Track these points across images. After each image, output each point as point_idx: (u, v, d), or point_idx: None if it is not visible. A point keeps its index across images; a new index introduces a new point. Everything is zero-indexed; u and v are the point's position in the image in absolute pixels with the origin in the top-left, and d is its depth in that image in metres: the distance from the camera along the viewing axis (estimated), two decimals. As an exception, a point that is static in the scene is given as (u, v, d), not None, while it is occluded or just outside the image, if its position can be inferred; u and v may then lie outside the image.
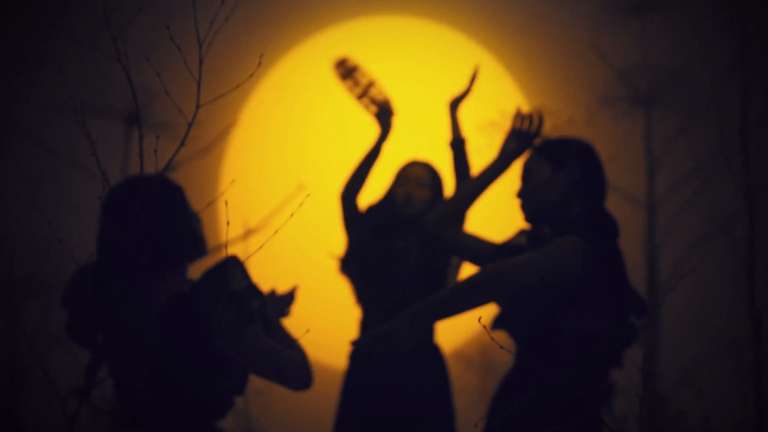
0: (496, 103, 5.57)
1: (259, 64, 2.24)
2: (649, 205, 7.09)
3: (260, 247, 2.43)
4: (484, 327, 3.34)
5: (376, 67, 5.90)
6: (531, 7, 8.17)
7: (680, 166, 7.38)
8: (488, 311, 3.92)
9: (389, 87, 5.74)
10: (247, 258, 2.65)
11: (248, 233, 5.72)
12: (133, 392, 3.06)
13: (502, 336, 3.74)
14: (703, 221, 7.26)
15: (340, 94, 7.63)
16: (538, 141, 4.00)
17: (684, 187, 7.29)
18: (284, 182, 5.53)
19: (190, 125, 2.27)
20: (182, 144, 2.30)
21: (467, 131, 5.57)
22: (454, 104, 5.23)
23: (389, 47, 7.94)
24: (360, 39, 8.00)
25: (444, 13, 8.10)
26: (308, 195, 2.45)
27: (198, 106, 2.29)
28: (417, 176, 5.55)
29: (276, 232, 2.42)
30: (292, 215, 2.33)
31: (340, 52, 6.03)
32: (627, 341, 3.66)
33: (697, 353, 7.13)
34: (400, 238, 5.52)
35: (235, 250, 5.63)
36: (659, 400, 6.42)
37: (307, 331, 3.16)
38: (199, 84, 2.23)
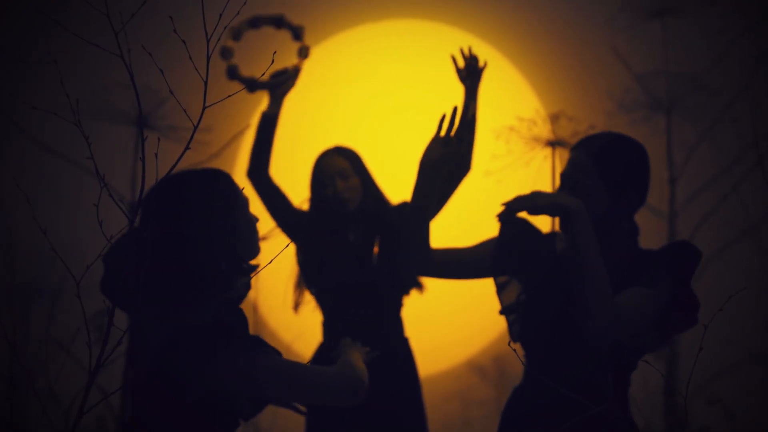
0: (512, 109, 5.46)
1: (272, 62, 2.09)
2: (671, 214, 6.94)
3: (271, 261, 2.30)
4: (515, 351, 3.20)
5: (392, 71, 5.78)
6: (548, 12, 8.05)
7: (702, 174, 7.24)
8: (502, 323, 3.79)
9: (404, 91, 5.59)
10: (259, 270, 2.53)
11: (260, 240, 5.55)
12: (135, 389, 2.95)
13: (516, 348, 3.63)
14: (727, 229, 7.13)
15: (354, 100, 7.48)
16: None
17: (707, 195, 7.15)
18: (295, 188, 5.38)
19: (195, 127, 2.12)
20: (188, 147, 2.16)
21: (484, 137, 5.43)
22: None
23: (405, 51, 7.84)
24: (376, 42, 7.89)
25: (460, 17, 8.00)
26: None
27: (204, 107, 2.14)
28: (337, 169, 5.34)
29: (287, 245, 2.29)
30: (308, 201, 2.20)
31: (353, 55, 5.89)
32: (655, 350, 3.57)
33: (721, 365, 6.99)
34: (350, 232, 5.32)
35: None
36: (681, 413, 6.28)
37: None
38: (205, 83, 2.08)
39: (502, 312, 3.70)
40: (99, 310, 5.37)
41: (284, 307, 5.46)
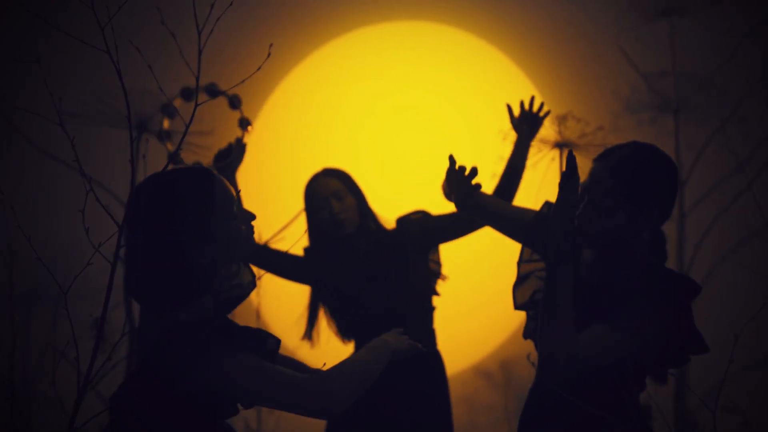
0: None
1: (269, 55, 2.00)
2: (680, 216, 6.87)
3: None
4: (533, 364, 3.14)
5: (396, 72, 5.71)
6: (553, 12, 7.99)
7: (711, 175, 7.17)
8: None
9: (408, 92, 5.51)
10: (260, 276, 2.48)
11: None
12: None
13: (529, 345, 3.58)
14: (737, 230, 7.06)
15: (358, 100, 7.42)
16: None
17: (715, 196, 7.07)
18: (299, 187, 5.30)
19: (187, 126, 2.04)
20: (179, 148, 2.08)
21: (490, 139, 5.35)
22: (528, 136, 4.86)
23: (410, 52, 7.80)
24: (380, 43, 7.85)
25: (464, 19, 7.95)
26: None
27: (197, 104, 2.05)
28: (331, 191, 5.20)
29: (287, 251, 2.22)
30: (306, 232, 2.16)
31: (357, 56, 5.83)
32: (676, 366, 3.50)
33: (730, 368, 6.92)
34: (359, 253, 5.19)
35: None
36: (691, 418, 6.22)
37: (324, 365, 3.02)
38: (197, 79, 1.99)
39: (517, 308, 3.63)
40: (99, 317, 5.31)
41: (287, 313, 5.38)
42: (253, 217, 3.02)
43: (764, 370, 7.04)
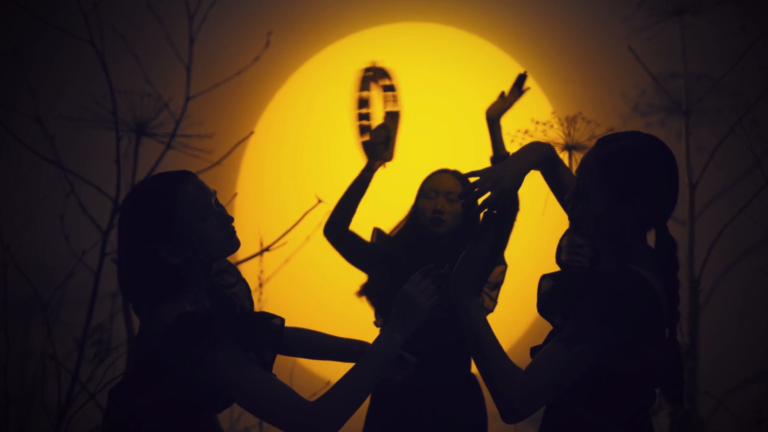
0: (526, 112, 5.29)
1: (267, 44, 1.89)
2: (690, 220, 6.78)
3: (276, 270, 2.17)
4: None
5: (402, 74, 5.63)
6: (560, 13, 7.93)
7: (722, 179, 7.09)
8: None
9: (414, 95, 5.43)
10: (264, 282, 2.44)
11: (263, 251, 5.39)
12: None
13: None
14: (751, 233, 6.99)
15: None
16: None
17: (727, 200, 7.00)
18: (300, 196, 5.23)
19: (178, 122, 1.94)
20: (168, 147, 1.97)
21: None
22: (495, 117, 4.85)
23: (413, 54, 7.74)
24: (386, 45, 7.80)
25: (469, 20, 7.90)
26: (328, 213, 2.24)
27: (188, 98, 1.95)
28: (446, 189, 5.15)
29: (287, 260, 2.14)
30: (308, 238, 2.10)
31: (361, 57, 5.74)
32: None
33: (746, 372, 6.86)
34: (431, 260, 5.11)
35: (251, 267, 5.33)
36: (704, 425, 6.16)
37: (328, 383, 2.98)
38: (188, 70, 1.88)
39: (539, 310, 3.53)
40: (99, 323, 5.26)
41: (288, 314, 5.29)
42: (229, 219, 3.06)
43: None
